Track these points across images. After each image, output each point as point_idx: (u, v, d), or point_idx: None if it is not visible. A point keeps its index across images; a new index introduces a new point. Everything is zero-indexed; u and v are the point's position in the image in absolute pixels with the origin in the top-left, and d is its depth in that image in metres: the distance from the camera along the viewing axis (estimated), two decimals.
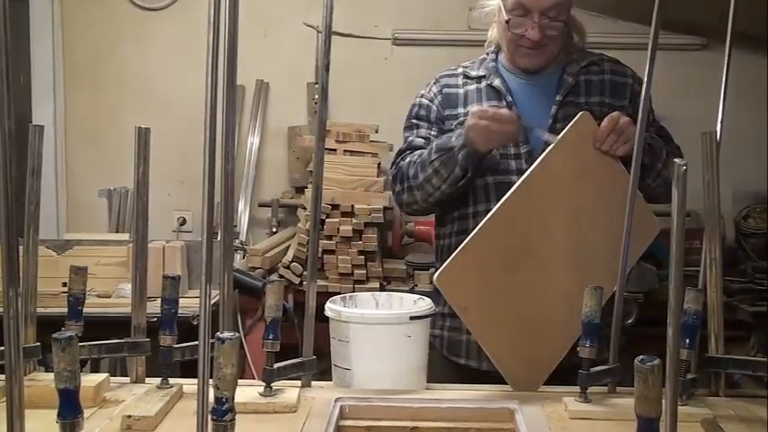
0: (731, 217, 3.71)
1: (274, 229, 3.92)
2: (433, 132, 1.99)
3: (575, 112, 1.87)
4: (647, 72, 1.42)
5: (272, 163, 4.07)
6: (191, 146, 3.60)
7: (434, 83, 2.05)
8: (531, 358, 1.59)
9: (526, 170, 1.76)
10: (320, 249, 3.16)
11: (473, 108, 1.81)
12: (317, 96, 1.72)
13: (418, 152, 1.94)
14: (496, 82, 1.95)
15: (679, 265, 0.88)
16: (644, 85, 1.45)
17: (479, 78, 1.99)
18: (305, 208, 3.53)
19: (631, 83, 1.96)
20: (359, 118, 3.67)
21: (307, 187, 3.63)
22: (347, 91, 3.80)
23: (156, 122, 1.81)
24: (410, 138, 2.02)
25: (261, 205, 4.01)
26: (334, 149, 3.50)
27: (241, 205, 3.92)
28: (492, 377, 1.68)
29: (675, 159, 0.89)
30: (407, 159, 1.96)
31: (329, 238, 3.26)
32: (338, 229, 3.25)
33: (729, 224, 3.69)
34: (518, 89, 1.96)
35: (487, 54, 2.04)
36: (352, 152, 3.49)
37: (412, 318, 1.56)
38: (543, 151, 1.77)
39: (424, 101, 2.04)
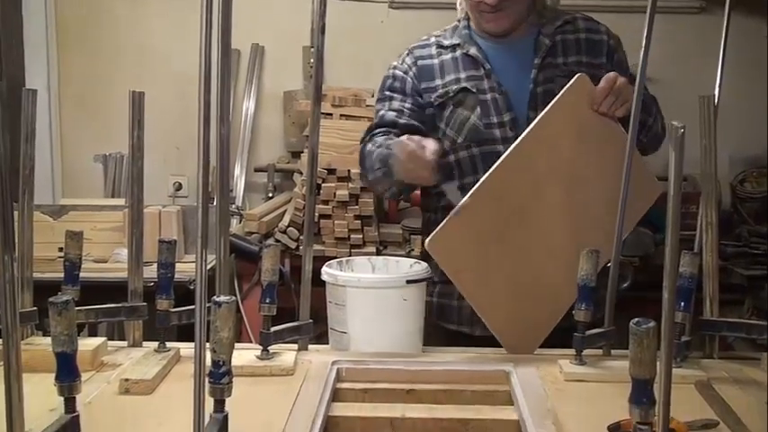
0: (727, 181, 3.72)
1: (270, 194, 3.91)
2: (407, 105, 1.92)
3: (554, 74, 1.86)
4: (645, 33, 1.40)
5: (268, 128, 4.06)
6: (186, 111, 3.59)
7: (407, 54, 1.98)
8: (526, 322, 1.59)
9: (511, 138, 1.74)
10: (316, 214, 3.16)
11: (400, 138, 1.74)
12: (312, 60, 1.71)
13: (379, 141, 1.86)
14: (472, 50, 1.90)
15: (675, 229, 0.88)
16: (642, 45, 1.43)
17: (454, 47, 1.94)
18: (301, 173, 3.53)
19: (606, 39, 1.92)
20: (355, 82, 3.65)
21: (303, 152, 3.62)
22: (343, 55, 3.78)
23: (151, 87, 1.80)
24: (381, 111, 1.95)
25: (257, 170, 4.00)
26: (330, 114, 3.49)
27: (237, 170, 3.92)
28: (485, 343, 1.69)
29: (673, 122, 0.88)
30: (369, 147, 1.89)
31: (325, 202, 3.26)
32: (334, 193, 3.25)
33: (726, 188, 3.69)
34: (495, 55, 1.91)
35: (459, 21, 1.99)
36: (348, 116, 3.47)
37: (408, 281, 1.57)
38: (528, 118, 1.76)
39: (399, 72, 1.97)
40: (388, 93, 1.97)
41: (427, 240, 1.56)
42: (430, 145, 1.66)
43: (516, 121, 1.84)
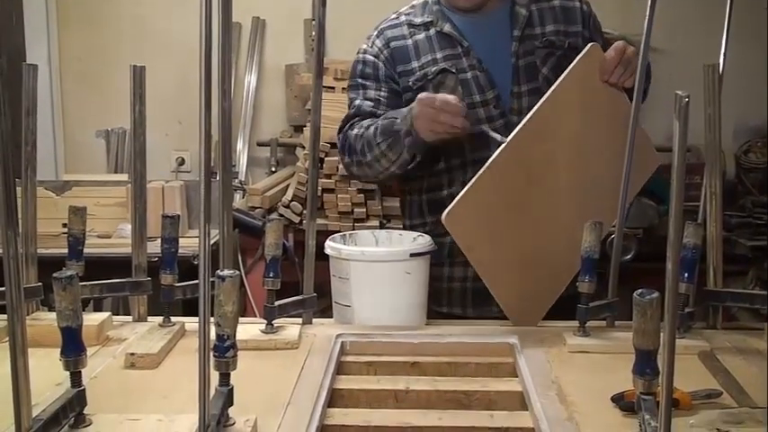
0: (732, 152, 3.70)
1: (273, 169, 3.91)
2: (382, 93, 1.86)
3: (533, 45, 1.82)
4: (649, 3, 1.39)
5: (270, 102, 4.04)
6: (188, 85, 3.59)
7: (377, 35, 1.90)
8: (533, 294, 1.59)
9: (496, 116, 1.71)
10: (319, 188, 3.15)
11: (421, 95, 1.68)
12: (314, 33, 1.69)
13: (366, 124, 1.81)
14: (447, 27, 1.82)
15: (679, 199, 0.87)
16: (646, 16, 1.41)
17: (426, 25, 1.85)
18: (304, 147, 3.52)
19: (579, 5, 1.89)
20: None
21: (305, 126, 3.61)
22: (345, 28, 3.75)
23: (152, 61, 1.80)
24: (357, 101, 1.88)
25: (259, 144, 3.99)
26: (333, 87, 3.47)
27: (240, 145, 3.91)
28: (478, 323, 1.69)
29: (677, 92, 0.87)
30: (354, 131, 1.83)
31: (328, 176, 3.25)
32: (337, 167, 3.24)
33: (730, 159, 3.68)
34: (471, 31, 1.83)
35: None
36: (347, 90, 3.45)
37: (412, 255, 1.57)
38: (512, 93, 1.76)
39: (369, 57, 1.89)
40: (360, 80, 1.90)
41: (444, 215, 1.51)
42: (451, 96, 1.65)
43: (500, 98, 1.79)
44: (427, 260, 1.61)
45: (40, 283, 1.47)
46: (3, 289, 0.86)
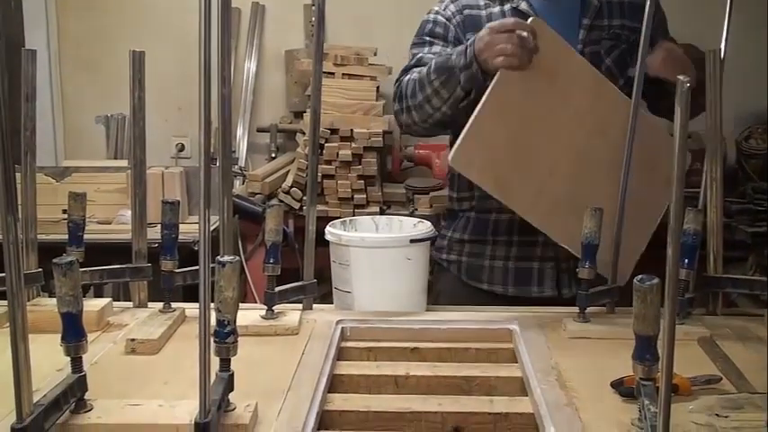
0: (732, 138, 3.69)
1: (273, 155, 3.90)
2: (449, 51, 1.78)
3: (599, 36, 1.84)
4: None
5: (270, 87, 4.03)
6: (187, 71, 3.56)
7: (452, 1, 1.89)
8: (567, 213, 1.59)
9: None
10: (320, 174, 3.15)
11: (490, 24, 1.63)
12: (313, 19, 1.69)
13: (421, 66, 1.79)
14: (523, 5, 1.83)
15: (679, 186, 0.87)
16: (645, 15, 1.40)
17: (502, 0, 1.86)
18: (304, 133, 3.51)
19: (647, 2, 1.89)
20: (357, 41, 3.62)
21: (305, 112, 3.60)
22: (345, 13, 3.74)
23: (152, 47, 1.79)
24: (419, 54, 1.85)
25: (259, 130, 3.98)
26: (333, 73, 3.46)
27: (239, 131, 3.90)
28: (519, 302, 1.71)
29: (679, 77, 0.87)
30: (409, 77, 1.81)
31: (328, 162, 3.25)
32: (337, 153, 3.24)
33: (731, 145, 3.67)
34: (544, 12, 1.83)
35: None
36: (350, 75, 3.44)
37: (412, 241, 1.57)
38: None
39: (441, 18, 1.88)
40: (427, 38, 1.88)
41: (450, 157, 1.51)
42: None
43: None
44: (428, 246, 1.61)
45: (40, 269, 1.47)
46: (3, 275, 0.86)
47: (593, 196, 1.57)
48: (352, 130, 3.24)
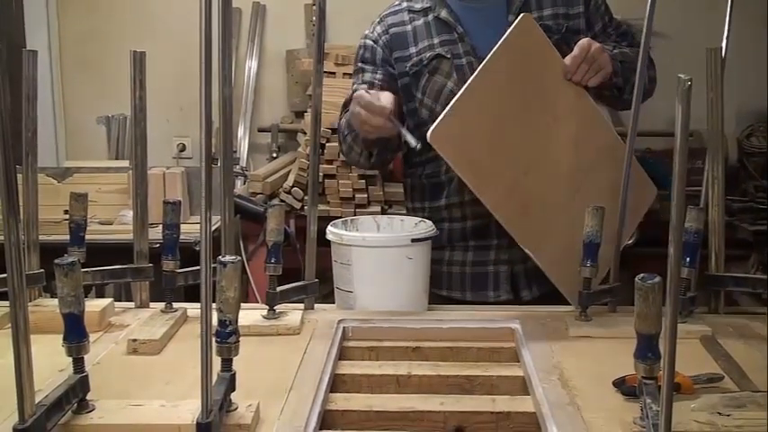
0: (734, 136, 3.69)
1: (275, 155, 3.91)
2: (378, 76, 1.87)
3: None
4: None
5: (271, 87, 4.04)
6: (188, 71, 3.57)
7: (378, 22, 1.92)
8: (532, 212, 1.60)
9: None
10: (321, 174, 3.15)
11: (356, 93, 1.70)
12: (314, 18, 1.69)
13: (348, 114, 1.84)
14: (443, 13, 1.82)
15: (681, 184, 0.87)
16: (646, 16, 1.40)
17: (425, 11, 1.86)
18: (305, 132, 3.52)
19: None
20: (358, 40, 3.61)
21: (306, 112, 3.61)
22: (346, 13, 3.73)
23: (152, 47, 1.79)
24: (354, 85, 1.90)
25: (260, 130, 3.99)
26: (334, 73, 3.46)
27: (241, 131, 3.91)
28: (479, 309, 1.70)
29: (680, 75, 0.87)
30: (342, 120, 1.88)
31: (330, 162, 3.25)
32: (339, 153, 3.23)
33: (732, 143, 3.67)
34: (467, 16, 1.83)
35: None
36: (351, 75, 3.44)
37: (413, 240, 1.56)
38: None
39: (369, 42, 1.91)
40: (360, 65, 1.93)
41: (429, 133, 1.50)
42: (385, 96, 1.65)
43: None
44: (429, 246, 1.61)
45: (41, 270, 1.47)
46: (5, 275, 0.86)
47: (562, 204, 1.59)
48: None
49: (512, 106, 1.59)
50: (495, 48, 1.55)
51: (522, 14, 1.60)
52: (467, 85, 1.52)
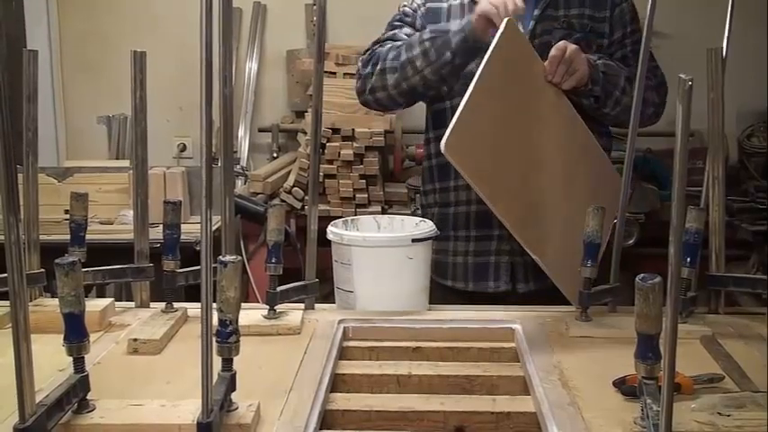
0: (734, 136, 3.69)
1: (275, 155, 3.91)
2: (405, 32, 1.91)
3: (552, 26, 1.83)
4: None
5: (272, 87, 4.03)
6: (188, 71, 3.57)
7: None
8: (538, 218, 1.60)
9: None
10: (321, 174, 3.15)
11: None
12: (315, 18, 1.69)
13: (403, 36, 1.88)
14: None
15: (681, 184, 0.87)
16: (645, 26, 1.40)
17: None
18: (305, 132, 3.51)
19: None
20: (358, 40, 3.61)
21: (307, 111, 3.61)
22: (346, 12, 3.74)
23: (153, 47, 1.79)
24: (393, 31, 1.94)
25: (261, 130, 3.98)
26: (334, 72, 3.46)
27: (241, 131, 3.90)
28: (479, 298, 1.75)
29: (680, 75, 0.87)
30: (388, 45, 1.88)
31: (330, 162, 3.25)
32: (339, 153, 3.24)
33: (732, 143, 3.67)
34: None
35: None
36: (352, 75, 3.44)
37: (414, 240, 1.56)
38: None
39: (408, 9, 1.96)
40: (398, 23, 1.95)
41: (442, 144, 1.44)
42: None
43: None
44: (429, 245, 1.61)
45: (42, 270, 1.47)
46: (5, 275, 0.86)
47: (557, 204, 1.59)
48: (353, 129, 3.25)
49: (508, 111, 1.58)
50: (488, 55, 1.54)
51: (506, 19, 1.59)
52: (468, 93, 1.51)
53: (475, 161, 1.50)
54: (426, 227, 1.64)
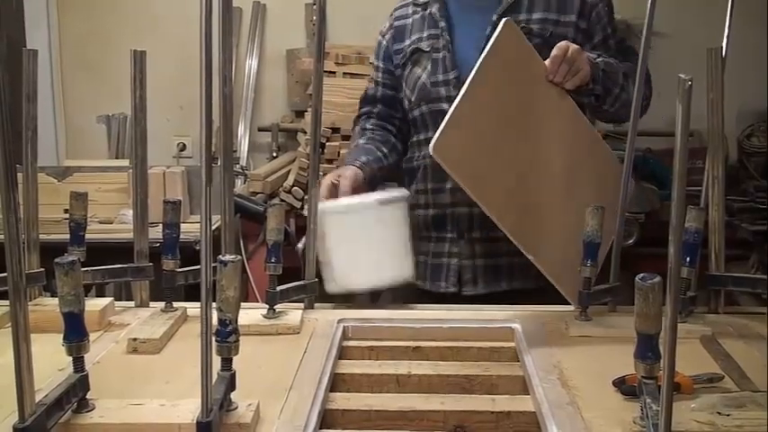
0: (734, 136, 3.69)
1: (275, 154, 3.90)
2: (380, 74, 2.00)
3: None
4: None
5: (271, 87, 4.03)
6: (188, 70, 3.58)
7: (390, 16, 2.02)
8: (533, 217, 1.58)
9: (456, 96, 1.69)
10: (321, 173, 3.14)
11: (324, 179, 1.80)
12: (314, 18, 1.71)
13: (359, 129, 2.04)
14: (434, 8, 1.89)
15: (681, 184, 0.87)
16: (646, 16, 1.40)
17: (425, 5, 1.93)
18: (305, 132, 3.51)
19: None
20: (358, 40, 3.62)
21: (306, 111, 3.60)
22: (346, 12, 3.74)
23: (153, 46, 1.79)
24: (368, 84, 2.06)
25: (261, 130, 3.98)
26: (334, 72, 3.46)
27: (241, 130, 3.90)
28: (428, 297, 1.82)
29: (680, 75, 0.87)
30: (356, 128, 2.07)
31: (330, 161, 3.24)
32: (339, 152, 3.23)
33: (732, 143, 3.67)
34: (457, 12, 1.88)
35: None
36: (351, 74, 3.45)
37: (381, 203, 1.56)
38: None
39: (380, 37, 2.02)
40: (373, 61, 2.05)
41: (430, 145, 1.43)
42: (346, 176, 1.78)
43: (459, 79, 1.81)
44: (402, 209, 1.59)
45: (42, 269, 1.47)
46: (5, 275, 0.86)
47: (555, 204, 1.59)
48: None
49: (504, 112, 1.57)
50: (483, 56, 1.52)
51: (504, 20, 1.58)
52: (461, 95, 1.49)
53: (465, 163, 1.48)
54: (398, 192, 1.64)
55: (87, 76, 4.02)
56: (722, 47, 1.52)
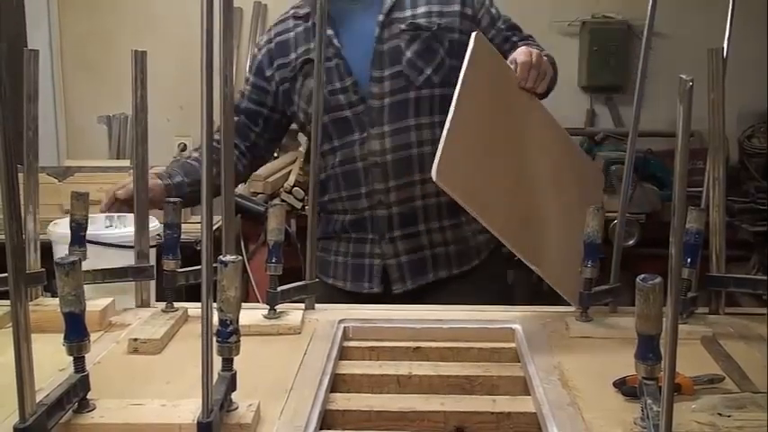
0: (735, 137, 3.69)
1: (275, 155, 3.90)
2: (248, 87, 1.99)
3: (399, 29, 1.82)
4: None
5: None
6: (189, 70, 3.57)
7: (268, 31, 2.00)
8: (534, 232, 1.56)
9: (356, 101, 1.67)
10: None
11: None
12: (315, 18, 1.72)
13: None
14: (316, 19, 1.81)
15: (682, 185, 0.87)
16: (647, 16, 1.40)
17: (307, 16, 1.90)
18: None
19: None
20: None
21: None
22: None
23: (154, 46, 1.80)
24: (241, 94, 2.02)
25: None
26: None
27: None
28: (356, 298, 1.83)
29: (681, 75, 0.87)
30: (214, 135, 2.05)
31: None
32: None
33: (733, 144, 3.67)
34: (342, 18, 1.86)
35: None
36: None
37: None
38: (371, 78, 1.78)
39: (255, 50, 2.01)
40: (249, 74, 2.03)
41: (433, 172, 1.35)
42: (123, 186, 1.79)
43: (358, 84, 1.82)
44: None
45: (42, 269, 1.47)
46: (5, 275, 0.86)
47: (549, 208, 1.59)
48: None
49: (492, 126, 1.56)
50: (463, 71, 1.49)
51: (473, 33, 1.56)
52: (450, 115, 1.45)
53: (466, 184, 1.44)
54: None
55: (88, 76, 4.02)
56: (723, 48, 1.51)
